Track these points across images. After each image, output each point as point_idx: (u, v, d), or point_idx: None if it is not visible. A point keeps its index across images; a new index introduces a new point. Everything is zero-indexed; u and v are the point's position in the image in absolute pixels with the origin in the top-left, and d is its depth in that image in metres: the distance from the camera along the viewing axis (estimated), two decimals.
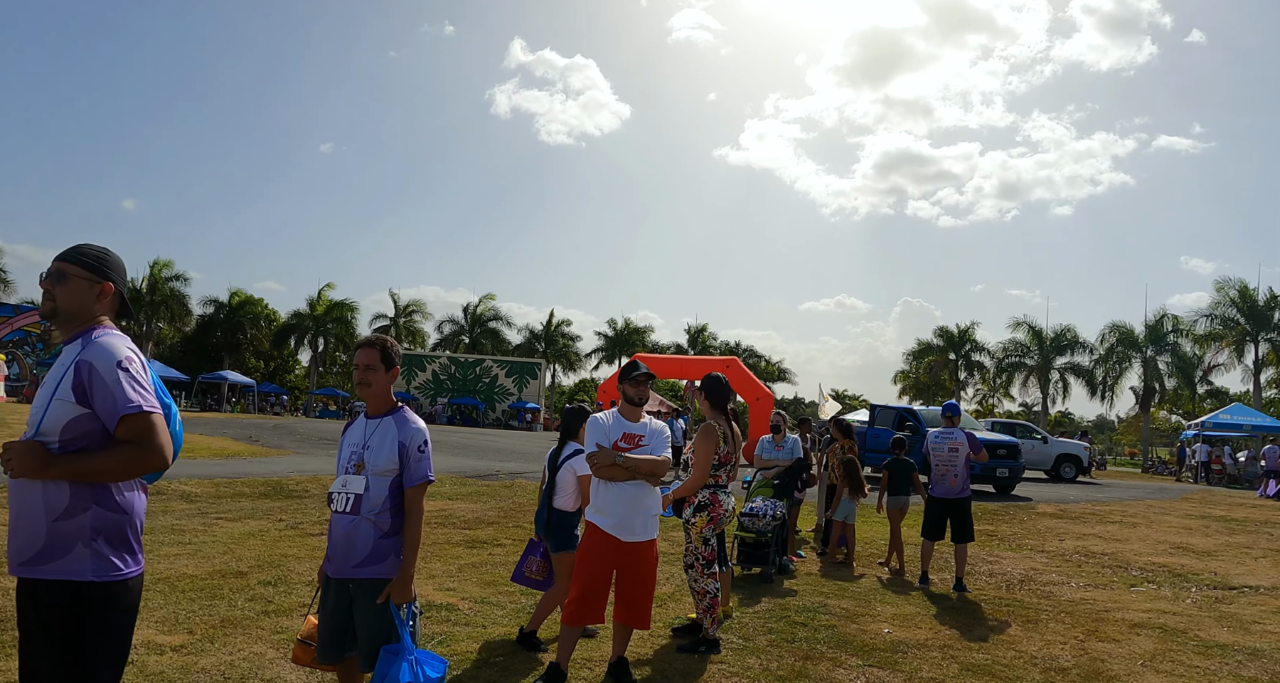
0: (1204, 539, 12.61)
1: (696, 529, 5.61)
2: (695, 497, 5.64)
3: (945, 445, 8.21)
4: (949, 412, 8.49)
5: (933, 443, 8.30)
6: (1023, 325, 52.19)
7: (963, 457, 8.14)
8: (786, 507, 8.47)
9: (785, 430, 9.02)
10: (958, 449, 8.14)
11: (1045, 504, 16.39)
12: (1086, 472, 26.37)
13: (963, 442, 8.15)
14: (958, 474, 8.15)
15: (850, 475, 9.48)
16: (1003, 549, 10.98)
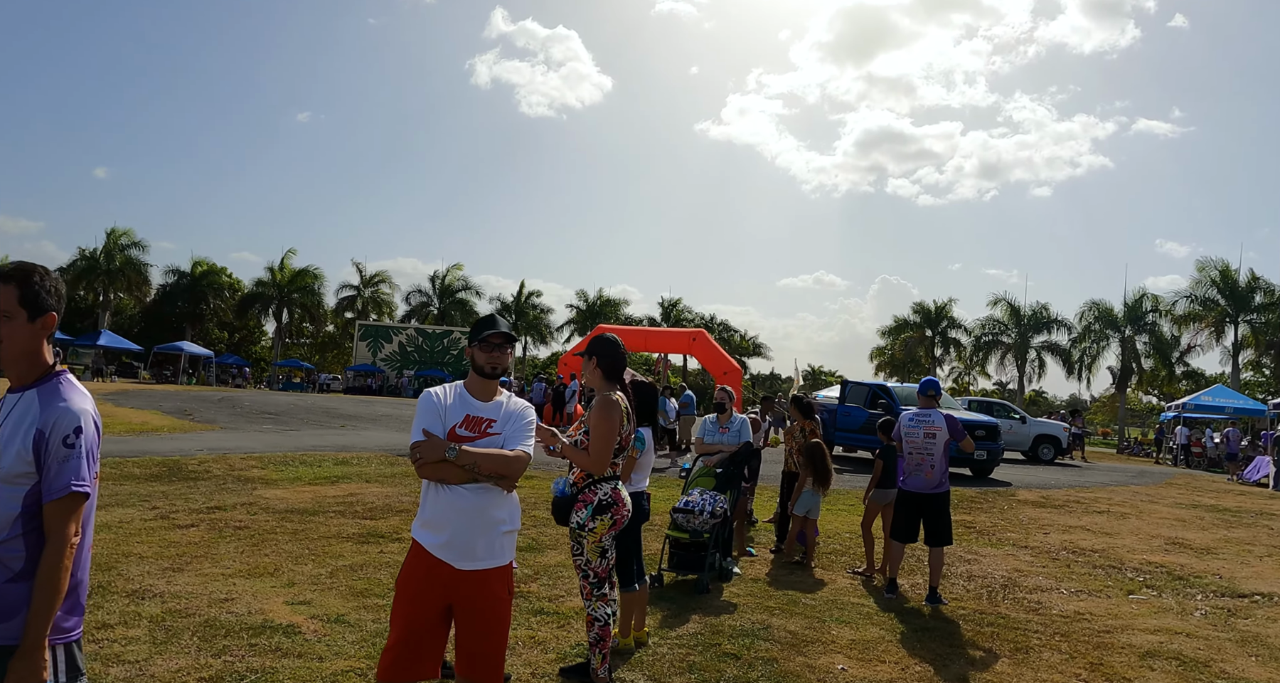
0: (1200, 533, 11.46)
1: (595, 537, 4.27)
2: (594, 494, 4.29)
3: (921, 430, 6.89)
4: (927, 390, 7.16)
5: (906, 427, 6.99)
6: (1001, 302, 51.30)
7: (941, 444, 6.83)
8: (730, 501, 7.14)
9: (731, 409, 7.67)
10: (935, 435, 6.83)
11: (1026, 490, 15.23)
12: (1067, 453, 25.38)
13: (941, 426, 6.84)
14: (935, 465, 6.84)
15: (814, 463, 8.15)
16: (982, 545, 9.75)
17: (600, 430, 4.21)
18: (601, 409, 4.24)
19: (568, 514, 4.36)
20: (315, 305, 63.64)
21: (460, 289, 66.13)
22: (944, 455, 6.83)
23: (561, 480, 4.48)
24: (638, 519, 5.20)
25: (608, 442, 4.21)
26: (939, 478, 6.83)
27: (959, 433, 6.82)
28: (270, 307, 62.99)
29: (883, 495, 7.95)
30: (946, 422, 6.82)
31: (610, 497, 4.29)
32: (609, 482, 4.32)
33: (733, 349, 74.43)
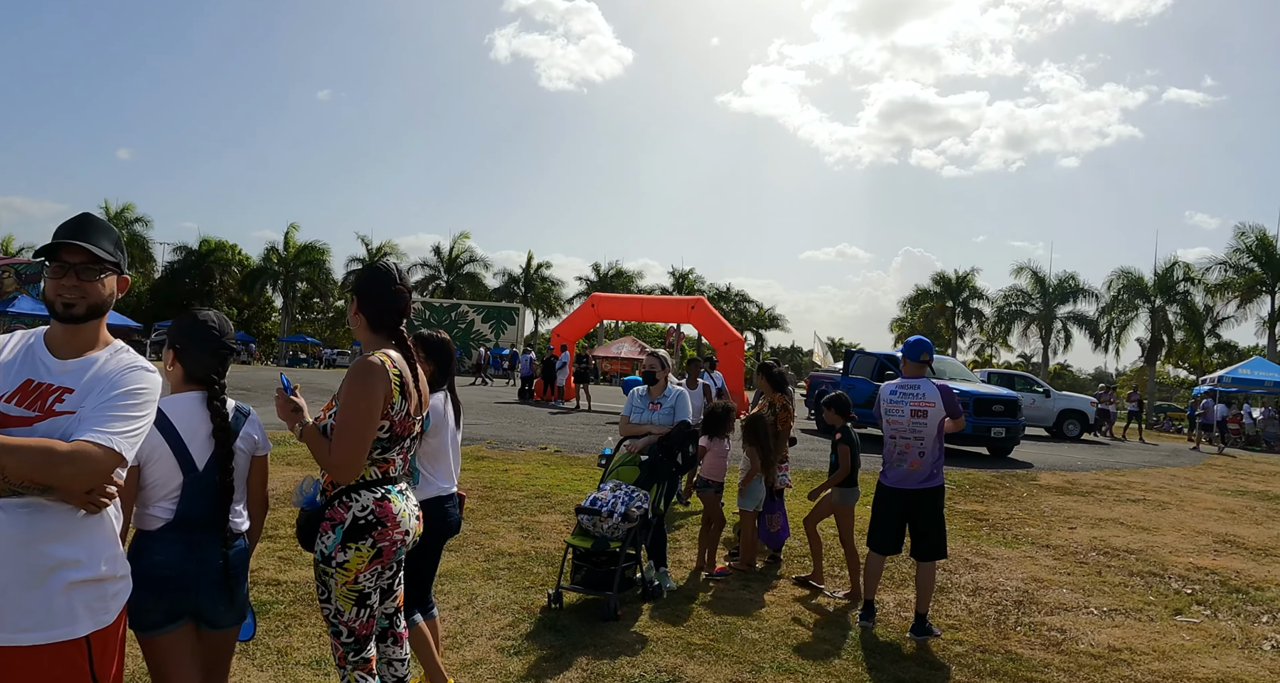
0: (1253, 528, 9.72)
1: (346, 576, 2.67)
2: (345, 510, 2.69)
3: (906, 405, 5.21)
4: (918, 353, 5.39)
5: (887, 402, 5.31)
6: (1025, 270, 49.04)
7: (934, 425, 5.15)
8: (659, 497, 5.53)
9: (665, 379, 6.02)
10: (926, 413, 5.15)
11: (1049, 473, 13.50)
12: (1096, 429, 23.56)
13: (935, 401, 5.16)
14: (926, 451, 5.15)
15: (755, 440, 6.53)
16: (994, 543, 8.09)
17: (350, 413, 2.62)
18: (355, 380, 2.64)
19: (313, 537, 2.77)
20: (323, 280, 62.67)
21: (467, 261, 64.67)
22: (937, 440, 5.16)
23: (313, 484, 2.88)
24: (437, 536, 3.65)
25: (361, 430, 2.61)
26: (930, 469, 5.15)
27: (954, 408, 5.14)
28: (277, 282, 62.07)
29: (848, 496, 6.27)
30: (941, 395, 5.13)
31: (373, 513, 2.69)
32: (372, 489, 2.72)
33: (750, 321, 72.60)
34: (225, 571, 2.67)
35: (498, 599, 5.31)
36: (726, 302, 71.35)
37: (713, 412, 6.55)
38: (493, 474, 10.17)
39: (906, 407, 5.15)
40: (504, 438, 13.95)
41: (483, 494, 8.86)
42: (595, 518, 5.13)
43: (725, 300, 71.27)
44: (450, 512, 3.72)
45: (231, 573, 2.69)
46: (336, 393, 2.72)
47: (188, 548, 2.63)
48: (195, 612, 2.67)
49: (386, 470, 2.76)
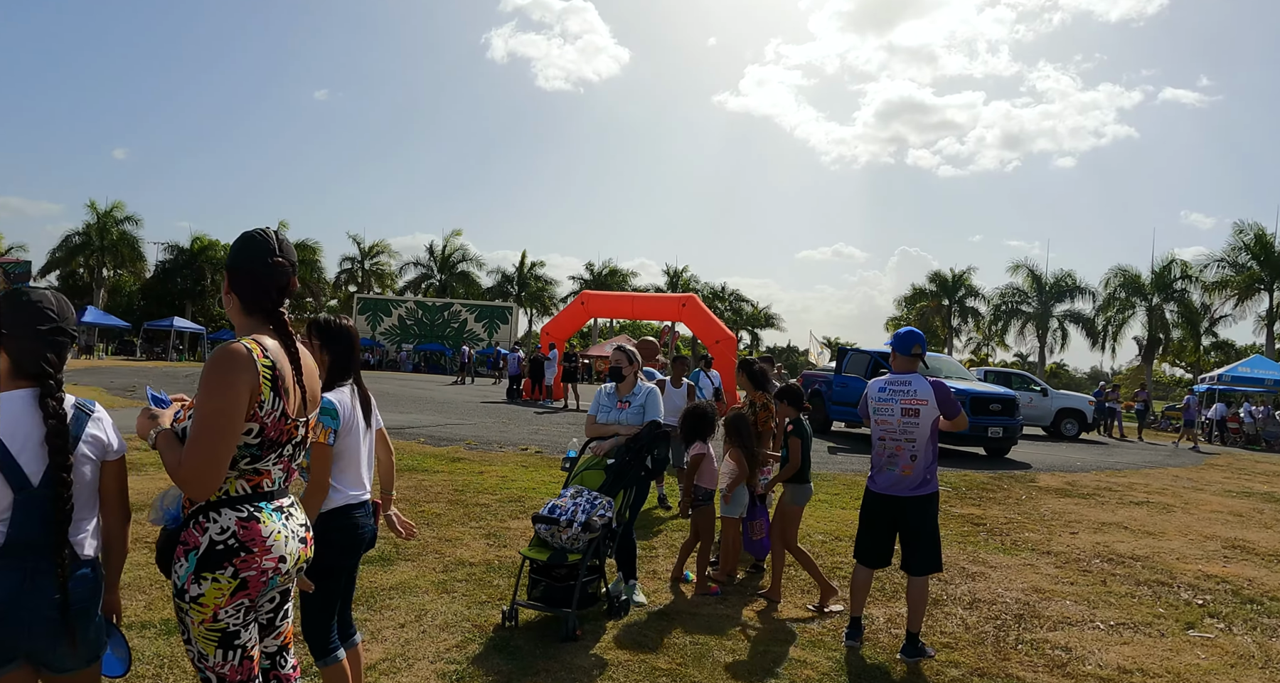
0: (1263, 532, 9.28)
1: (203, 614, 2.19)
2: (201, 530, 2.21)
3: (896, 404, 4.71)
4: (909, 346, 4.85)
5: (876, 400, 4.82)
6: (1021, 268, 48.68)
7: (927, 425, 4.65)
8: (627, 504, 5.05)
9: (635, 375, 5.54)
10: (918, 412, 4.65)
11: (1048, 475, 13.04)
12: (1099, 428, 23.12)
13: (928, 399, 4.65)
14: (919, 454, 4.65)
15: (739, 439, 6.04)
16: (992, 549, 7.63)
17: (204, 413, 2.13)
18: (211, 373, 2.17)
19: (169, 560, 2.29)
20: (314, 279, 62.11)
21: (460, 260, 64.15)
22: (931, 442, 4.66)
23: (175, 499, 2.40)
24: (347, 553, 3.18)
25: (217, 434, 2.13)
26: (922, 474, 4.65)
27: (951, 407, 4.65)
28: None
29: (800, 494, 5.81)
30: (935, 392, 4.66)
31: (234, 536, 2.20)
32: (237, 507, 2.24)
33: (745, 320, 72.13)
34: (64, 604, 2.19)
35: (449, 616, 4.83)
36: (721, 301, 70.91)
37: (693, 412, 6.06)
38: (466, 477, 9.69)
39: (896, 405, 4.67)
40: (485, 439, 13.46)
41: (452, 498, 8.38)
42: (554, 528, 4.65)
43: (720, 299, 70.83)
44: (362, 523, 3.24)
45: (73, 607, 2.22)
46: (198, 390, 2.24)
47: (22, 578, 2.16)
48: (29, 653, 2.20)
49: (259, 484, 2.28)
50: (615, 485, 4.97)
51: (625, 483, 5.01)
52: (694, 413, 6.12)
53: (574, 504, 4.73)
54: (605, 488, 4.97)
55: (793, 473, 5.69)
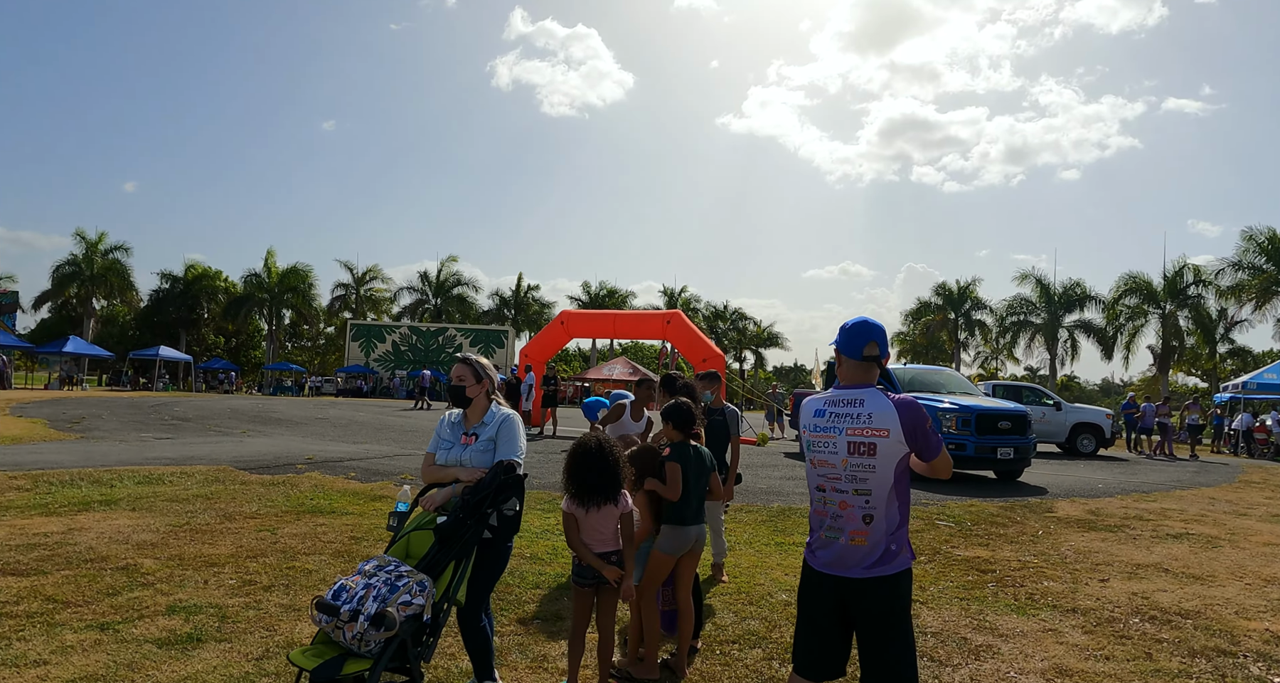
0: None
1: None
2: None
3: (840, 434, 3.09)
4: (862, 345, 3.15)
5: (811, 428, 3.19)
6: (1029, 278, 47.14)
7: (888, 466, 3.00)
8: (457, 579, 3.55)
9: (485, 396, 4.07)
10: (874, 448, 3.01)
11: (1066, 502, 11.44)
12: (1109, 443, 21.49)
13: (889, 427, 2.99)
14: (874, 514, 3.01)
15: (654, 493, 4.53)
16: (1003, 607, 6.08)
17: None
18: None
19: None
20: (307, 306, 61.07)
21: (455, 285, 63.00)
22: (895, 494, 3.03)
23: None
24: None
25: None
26: (883, 542, 3.01)
27: (927, 441, 3.03)
28: (261, 309, 60.53)
29: (677, 540, 4.39)
30: (902, 416, 3.03)
31: None
32: None
33: (748, 339, 70.67)
34: None
35: None
36: (723, 320, 69.56)
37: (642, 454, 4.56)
38: (376, 519, 8.21)
39: (840, 436, 3.07)
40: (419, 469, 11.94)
41: (340, 549, 6.89)
42: (335, 621, 3.15)
43: (722, 319, 69.49)
44: None
45: None
46: None
47: None
48: None
49: None
50: (441, 556, 3.48)
51: (454, 551, 3.52)
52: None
53: (368, 584, 3.24)
54: (425, 560, 3.48)
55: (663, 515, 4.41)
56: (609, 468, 3.96)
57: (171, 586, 5.84)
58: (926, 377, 15.43)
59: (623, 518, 4.03)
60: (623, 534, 4.03)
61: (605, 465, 3.95)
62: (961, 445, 12.84)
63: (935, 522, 9.30)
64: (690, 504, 4.49)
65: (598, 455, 3.97)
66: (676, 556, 4.50)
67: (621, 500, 4.02)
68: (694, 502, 4.52)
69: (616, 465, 4.00)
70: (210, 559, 6.62)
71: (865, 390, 3.07)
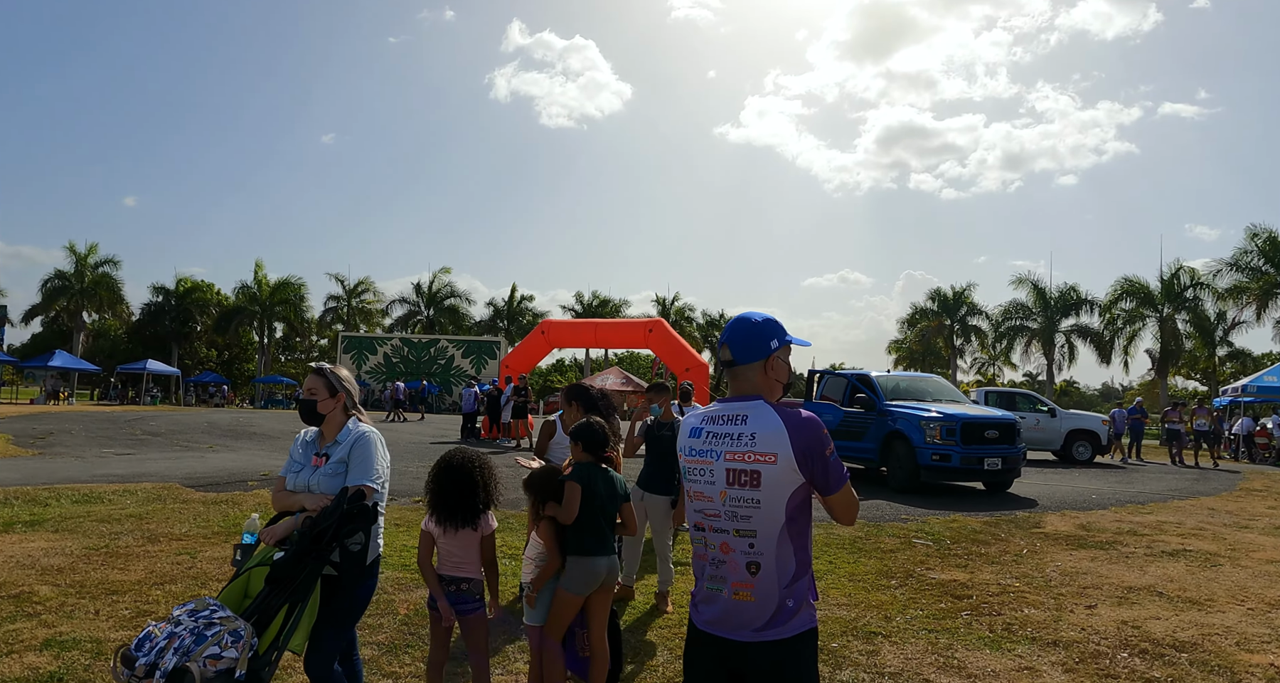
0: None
1: None
2: None
3: (719, 459, 2.40)
4: (746, 342, 2.45)
5: (688, 452, 2.52)
6: (1025, 283, 46.47)
7: (779, 503, 2.32)
8: (290, 626, 2.93)
9: (340, 410, 3.52)
10: (758, 477, 2.32)
11: (1056, 515, 10.79)
12: (1105, 450, 20.85)
13: (776, 451, 2.30)
14: (762, 559, 2.32)
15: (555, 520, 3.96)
16: (976, 640, 5.45)
17: None
18: None
19: None
20: (298, 319, 60.61)
21: (448, 296, 62.44)
22: (789, 535, 2.34)
23: None
24: None
25: None
26: (775, 596, 2.33)
27: (829, 476, 2.33)
28: (253, 322, 60.00)
29: (583, 576, 3.87)
30: (794, 435, 2.31)
31: None
32: None
33: None
34: None
35: None
36: (719, 329, 68.96)
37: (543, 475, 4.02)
38: None
39: (719, 461, 2.41)
40: None
41: None
42: (130, 676, 2.56)
43: (717, 328, 68.90)
44: None
45: None
46: None
47: None
48: None
49: None
50: (272, 599, 2.88)
51: (287, 594, 2.91)
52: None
53: (171, 634, 2.64)
54: (255, 603, 2.88)
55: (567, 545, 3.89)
56: (468, 487, 3.65)
57: (59, 616, 5.35)
58: (912, 384, 14.80)
59: (483, 542, 3.72)
60: (484, 560, 3.73)
61: (464, 484, 3.65)
62: (946, 456, 12.21)
63: (912, 540, 8.67)
64: (597, 533, 3.89)
65: (460, 472, 3.68)
66: (584, 594, 3.90)
67: (482, 523, 3.70)
68: (602, 530, 3.91)
69: (478, 485, 3.68)
70: (114, 586, 6.13)
71: (750, 404, 2.43)
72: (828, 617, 5.87)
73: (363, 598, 3.41)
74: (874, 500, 11.64)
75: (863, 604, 6.24)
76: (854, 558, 7.80)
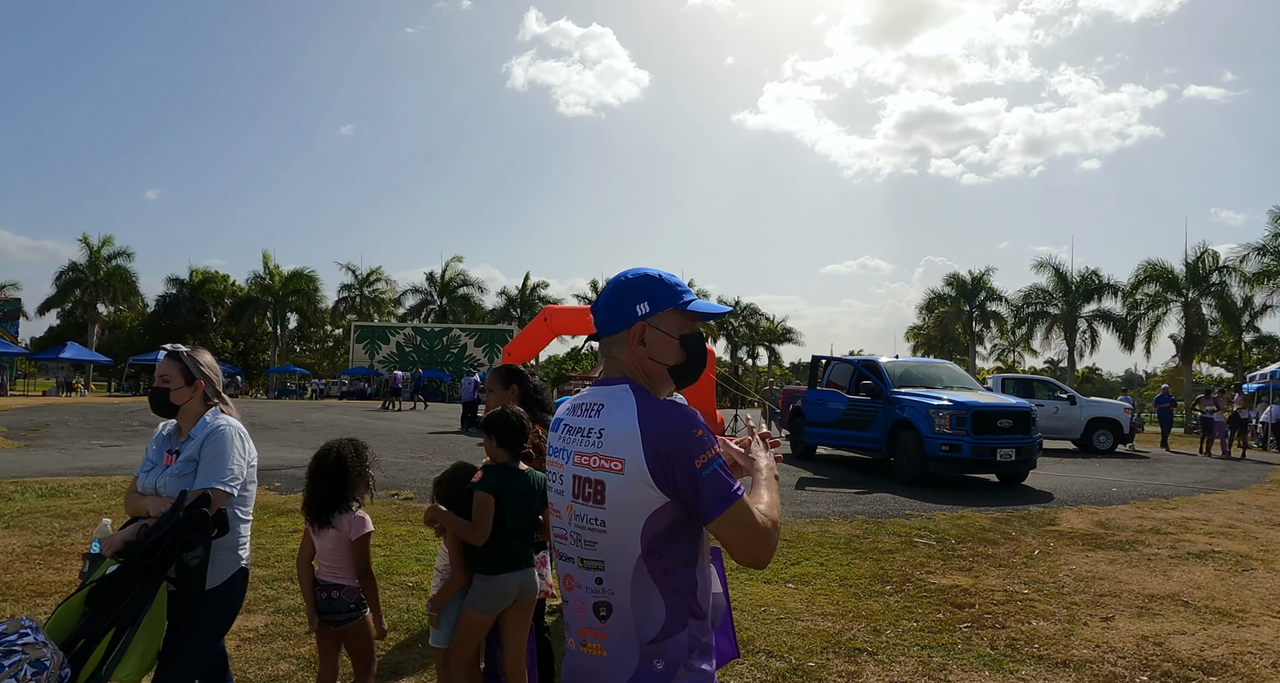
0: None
1: None
2: None
3: (569, 460, 1.78)
4: (612, 309, 1.83)
5: (550, 451, 1.88)
6: (1046, 267, 45.29)
7: (634, 525, 1.66)
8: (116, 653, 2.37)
9: (202, 401, 3.11)
10: (601, 489, 1.70)
11: (1073, 511, 10.08)
12: (1128, 440, 20.05)
13: (625, 455, 1.67)
14: (612, 598, 1.69)
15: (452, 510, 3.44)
16: (974, 659, 4.80)
17: None
18: None
19: None
20: (312, 309, 60.63)
21: (461, 285, 62.10)
22: (653, 569, 1.68)
23: None
24: None
25: None
26: (634, 654, 1.67)
27: (700, 494, 1.64)
28: (266, 312, 59.98)
29: (492, 594, 3.33)
30: (647, 433, 1.66)
31: None
32: None
33: (761, 335, 69.26)
34: None
35: None
36: (734, 316, 68.23)
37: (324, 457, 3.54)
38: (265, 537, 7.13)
39: (568, 465, 1.79)
40: None
41: None
42: None
43: (733, 315, 68.18)
44: None
45: None
46: None
47: None
48: None
49: None
50: (98, 621, 2.35)
51: (111, 616, 2.36)
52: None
53: None
54: (80, 626, 2.34)
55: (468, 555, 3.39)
56: (326, 481, 3.41)
57: None
58: (923, 370, 14.09)
59: (354, 546, 3.40)
60: (357, 569, 3.42)
61: (323, 477, 3.42)
62: (956, 447, 11.51)
63: (913, 539, 8.01)
64: (505, 549, 3.30)
65: (321, 463, 3.44)
66: (493, 613, 3.32)
67: (343, 524, 3.39)
68: (511, 547, 3.31)
69: (342, 480, 3.43)
70: (41, 588, 5.71)
71: (612, 390, 1.79)
72: (809, 630, 5.25)
73: (217, 617, 2.94)
74: (878, 494, 10.98)
75: (851, 614, 5.62)
76: (848, 559, 7.16)
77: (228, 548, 2.92)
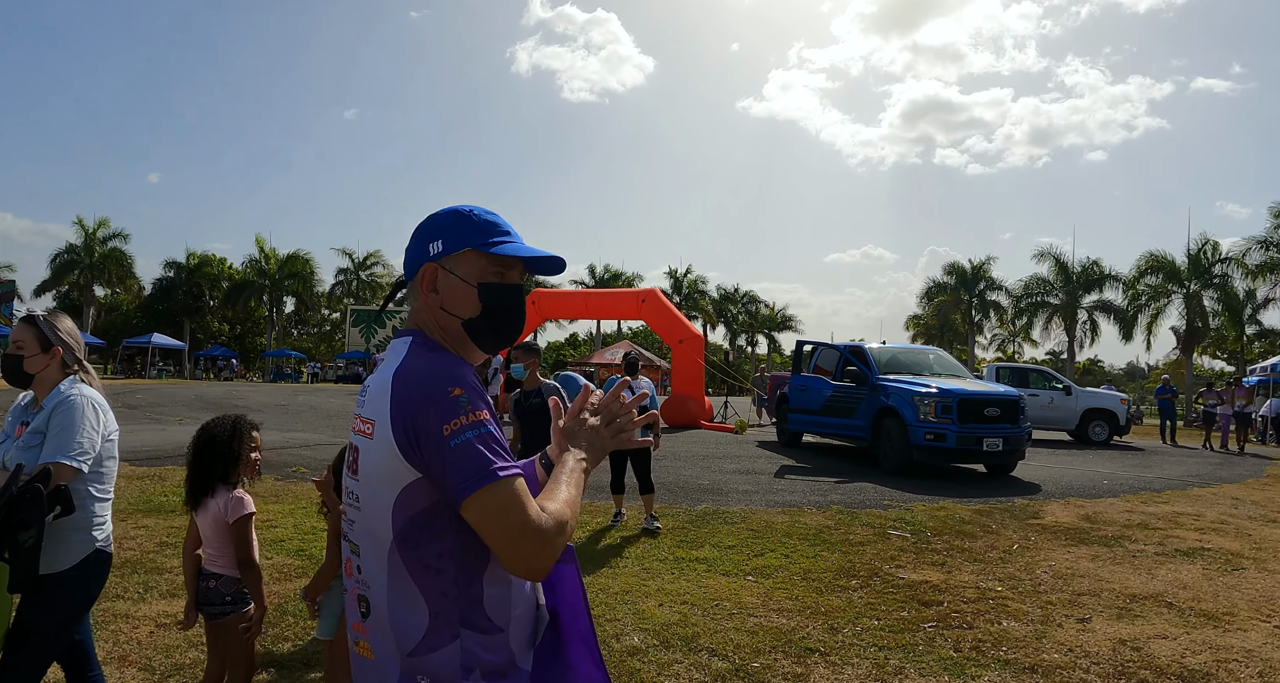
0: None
1: None
2: None
3: (352, 432, 1.46)
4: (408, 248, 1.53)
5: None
6: (1047, 256, 44.80)
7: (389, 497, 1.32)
8: None
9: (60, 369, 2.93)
10: (356, 450, 1.44)
11: (1059, 504, 9.68)
12: (1124, 431, 19.64)
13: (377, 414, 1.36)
14: (371, 595, 1.35)
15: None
16: (936, 663, 4.41)
17: None
18: None
19: None
20: (308, 292, 60.31)
21: None
22: (409, 561, 1.31)
23: None
24: None
25: None
26: (394, 663, 1.32)
27: (448, 468, 1.26)
28: (262, 295, 59.65)
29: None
30: (397, 391, 1.32)
31: None
32: None
33: (761, 323, 68.80)
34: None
35: None
36: (734, 303, 67.83)
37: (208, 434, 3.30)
38: None
39: (352, 432, 1.48)
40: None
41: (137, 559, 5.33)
42: None
43: (732, 302, 67.79)
44: None
45: None
46: None
47: None
48: None
49: None
50: None
51: None
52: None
53: None
54: None
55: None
56: (200, 458, 3.19)
57: None
58: (911, 357, 13.68)
59: (232, 530, 3.12)
60: (237, 555, 3.14)
61: (197, 453, 3.21)
62: (941, 436, 11.10)
63: (887, 531, 7.61)
64: None
65: (199, 439, 3.22)
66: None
67: (215, 504, 3.14)
68: None
69: (215, 456, 3.18)
70: None
71: (397, 341, 1.47)
72: (761, 626, 4.87)
73: (69, 602, 2.72)
74: (858, 483, 10.58)
75: (809, 611, 5.23)
76: (814, 551, 6.77)
77: (79, 528, 2.70)
